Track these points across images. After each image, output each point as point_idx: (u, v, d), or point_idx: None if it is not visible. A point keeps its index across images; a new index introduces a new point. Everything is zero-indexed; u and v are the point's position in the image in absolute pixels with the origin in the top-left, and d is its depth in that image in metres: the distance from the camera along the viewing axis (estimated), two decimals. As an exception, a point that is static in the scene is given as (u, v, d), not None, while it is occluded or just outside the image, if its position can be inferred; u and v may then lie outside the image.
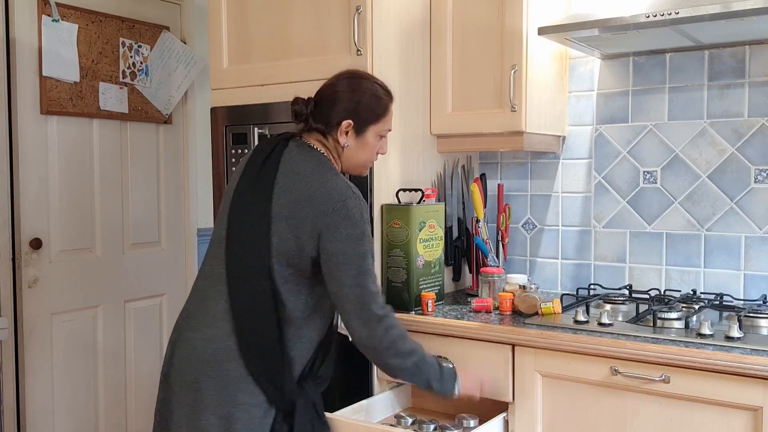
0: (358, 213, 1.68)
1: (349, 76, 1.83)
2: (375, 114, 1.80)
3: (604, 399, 1.86)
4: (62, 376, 2.96)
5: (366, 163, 1.85)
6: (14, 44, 2.78)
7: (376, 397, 2.19)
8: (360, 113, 1.78)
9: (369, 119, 1.79)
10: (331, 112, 1.77)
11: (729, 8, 1.80)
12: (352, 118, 1.77)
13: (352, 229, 1.67)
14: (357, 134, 1.79)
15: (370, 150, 1.83)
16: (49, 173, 2.91)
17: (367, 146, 1.81)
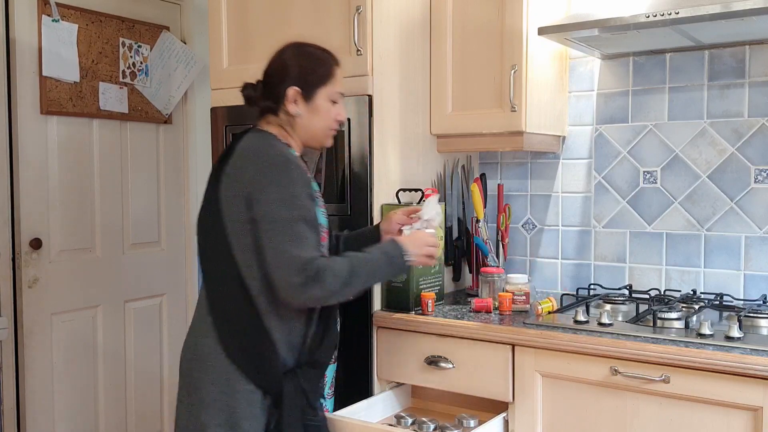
0: (286, 177, 1.67)
1: (288, 46, 1.84)
2: (321, 76, 1.79)
3: (604, 399, 1.86)
4: (62, 376, 2.96)
5: (324, 130, 1.83)
6: (14, 44, 2.78)
7: (376, 397, 2.19)
8: (305, 78, 1.77)
9: (315, 82, 1.78)
10: (277, 86, 1.78)
11: (729, 8, 1.80)
12: (298, 84, 1.77)
13: (279, 192, 1.65)
14: (306, 101, 1.78)
15: (324, 115, 1.81)
16: (49, 173, 2.91)
17: (319, 111, 1.79)
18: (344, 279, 1.66)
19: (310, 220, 1.68)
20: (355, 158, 2.21)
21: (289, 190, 1.66)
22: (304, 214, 1.66)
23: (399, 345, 2.18)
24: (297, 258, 1.62)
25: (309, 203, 1.69)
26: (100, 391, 3.12)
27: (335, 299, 1.70)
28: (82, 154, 3.04)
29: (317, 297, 1.66)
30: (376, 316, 2.21)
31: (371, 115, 2.19)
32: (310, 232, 1.67)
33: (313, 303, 1.70)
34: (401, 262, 1.78)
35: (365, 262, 1.72)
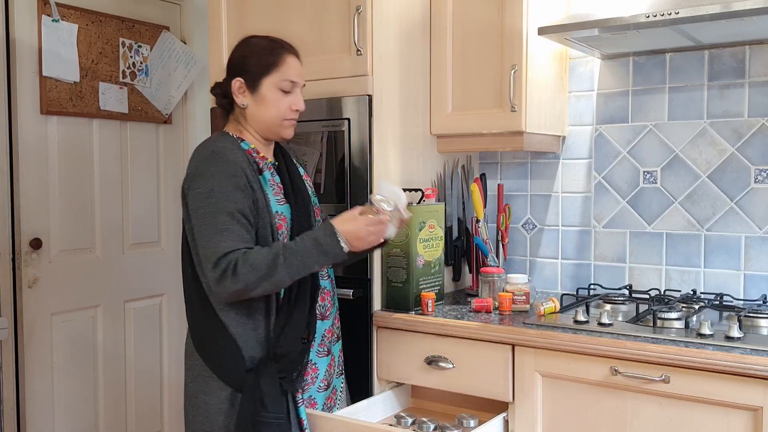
0: (211, 170, 1.67)
1: (240, 41, 1.85)
2: (264, 65, 1.76)
3: (604, 399, 1.86)
4: (62, 376, 2.96)
5: (276, 120, 1.79)
6: (14, 44, 2.78)
7: (376, 397, 2.19)
8: (247, 68, 1.77)
9: (259, 72, 1.76)
10: (225, 80, 1.81)
11: (729, 8, 1.80)
12: (241, 75, 1.77)
13: (203, 186, 1.67)
14: (252, 91, 1.77)
15: (273, 105, 1.77)
16: (49, 173, 2.91)
17: (266, 101, 1.77)
18: (263, 272, 1.61)
19: (234, 211, 1.65)
20: (355, 158, 2.21)
21: (210, 184, 1.66)
22: (225, 206, 1.64)
23: (399, 345, 2.18)
24: (213, 252, 1.63)
25: (235, 194, 1.66)
26: (100, 391, 3.12)
27: (256, 292, 1.64)
28: (82, 154, 3.04)
29: (233, 291, 1.62)
30: (376, 316, 2.21)
31: (371, 115, 2.19)
32: (233, 223, 1.64)
33: (232, 297, 1.65)
34: (338, 250, 1.67)
35: (292, 253, 1.64)
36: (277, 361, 1.73)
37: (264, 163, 1.80)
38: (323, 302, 1.88)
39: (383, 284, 2.23)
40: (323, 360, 1.90)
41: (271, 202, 1.75)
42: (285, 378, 1.74)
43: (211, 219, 1.64)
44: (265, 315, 1.75)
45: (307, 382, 1.86)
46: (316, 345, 1.86)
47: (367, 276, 2.22)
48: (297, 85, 1.81)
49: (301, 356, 1.78)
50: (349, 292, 2.20)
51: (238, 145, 1.77)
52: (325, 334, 1.90)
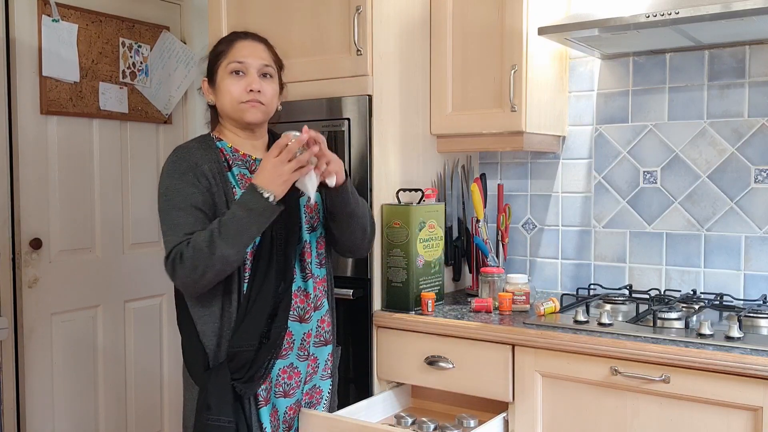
0: (167, 169, 1.72)
1: None
2: (216, 55, 1.78)
3: (604, 399, 1.86)
4: (62, 376, 2.96)
5: (233, 104, 1.74)
6: (14, 44, 2.78)
7: (376, 397, 2.19)
8: (208, 67, 1.82)
9: (213, 64, 1.79)
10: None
11: (729, 8, 1.80)
12: (206, 75, 1.82)
13: (161, 186, 1.72)
14: (213, 86, 1.80)
15: (227, 88, 1.74)
16: (49, 173, 2.91)
17: (221, 89, 1.76)
18: (205, 251, 1.59)
19: (186, 206, 1.66)
20: (355, 158, 2.21)
21: (165, 182, 1.71)
22: (177, 201, 1.67)
23: (399, 345, 2.18)
24: (166, 246, 1.67)
25: (187, 189, 1.67)
26: (100, 391, 3.12)
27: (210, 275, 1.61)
28: (82, 154, 3.04)
29: (186, 278, 1.63)
30: (376, 316, 2.21)
31: (371, 115, 2.19)
32: (185, 217, 1.66)
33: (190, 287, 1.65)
34: (263, 203, 1.60)
35: (224, 224, 1.61)
36: (231, 360, 1.68)
37: (240, 161, 1.77)
38: (302, 304, 1.79)
39: (383, 284, 2.23)
40: (303, 365, 1.82)
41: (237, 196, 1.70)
42: (240, 379, 1.68)
43: (166, 216, 1.68)
44: (227, 311, 1.71)
45: (291, 386, 1.80)
46: (295, 348, 1.79)
47: (367, 276, 2.22)
48: (249, 66, 1.74)
49: (260, 358, 1.69)
50: (349, 292, 2.20)
51: (210, 144, 1.77)
52: (304, 338, 1.80)
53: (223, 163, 1.74)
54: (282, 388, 1.79)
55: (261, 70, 1.76)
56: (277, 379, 1.78)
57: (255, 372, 1.70)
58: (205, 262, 1.60)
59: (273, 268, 1.71)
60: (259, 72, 1.76)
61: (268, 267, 1.70)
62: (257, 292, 1.70)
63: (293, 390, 1.82)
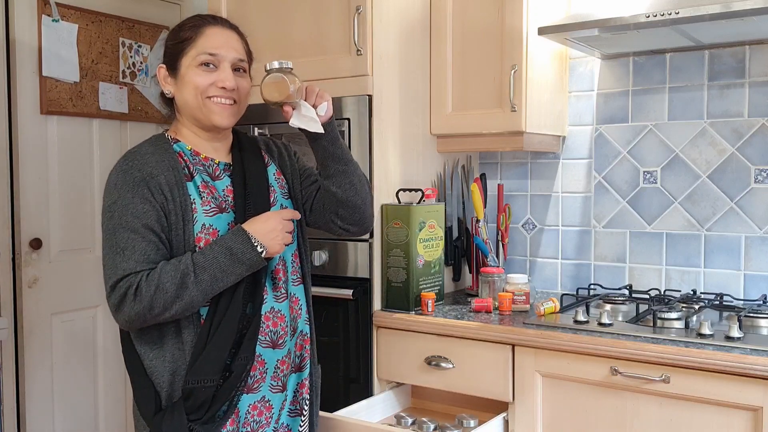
0: (114, 180, 1.46)
1: None
2: (180, 42, 1.53)
3: (604, 399, 1.86)
4: (62, 376, 2.96)
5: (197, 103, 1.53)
6: (14, 44, 2.78)
7: (376, 397, 2.19)
8: (167, 53, 1.56)
9: (176, 52, 1.53)
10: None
11: (729, 8, 1.80)
12: (163, 61, 1.57)
13: (106, 200, 1.47)
14: (174, 76, 1.55)
15: (192, 84, 1.52)
16: (49, 173, 2.91)
17: (185, 81, 1.52)
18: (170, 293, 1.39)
19: (138, 227, 1.42)
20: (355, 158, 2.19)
21: (113, 195, 1.45)
22: (127, 220, 1.42)
23: (399, 345, 2.18)
24: (112, 274, 1.41)
25: (140, 206, 1.43)
26: (100, 391, 3.12)
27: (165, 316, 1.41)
28: (82, 154, 3.04)
29: (135, 315, 1.40)
30: (376, 316, 2.21)
31: (371, 115, 2.19)
32: (136, 240, 1.42)
33: (134, 322, 1.42)
34: (254, 256, 1.45)
35: (202, 268, 1.41)
36: (186, 399, 1.46)
37: (201, 167, 1.56)
38: (275, 327, 1.57)
39: (383, 284, 2.23)
40: (277, 396, 1.60)
41: (197, 212, 1.49)
42: (198, 420, 1.46)
43: (112, 235, 1.42)
44: (178, 346, 1.49)
45: (261, 423, 1.57)
46: (268, 379, 1.57)
47: (367, 276, 2.22)
48: (222, 59, 1.53)
49: (222, 395, 1.48)
50: (349, 292, 2.20)
51: (166, 147, 1.55)
52: (278, 365, 1.59)
53: (182, 170, 1.51)
54: (249, 427, 1.55)
55: (235, 65, 1.55)
56: (246, 417, 1.54)
57: (216, 411, 1.48)
58: (166, 303, 1.40)
59: (240, 289, 1.49)
60: (232, 66, 1.55)
61: (234, 288, 1.48)
62: (221, 317, 1.47)
63: (262, 428, 1.58)
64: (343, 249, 2.25)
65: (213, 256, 1.43)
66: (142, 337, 1.51)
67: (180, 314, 1.43)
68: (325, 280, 2.24)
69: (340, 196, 1.62)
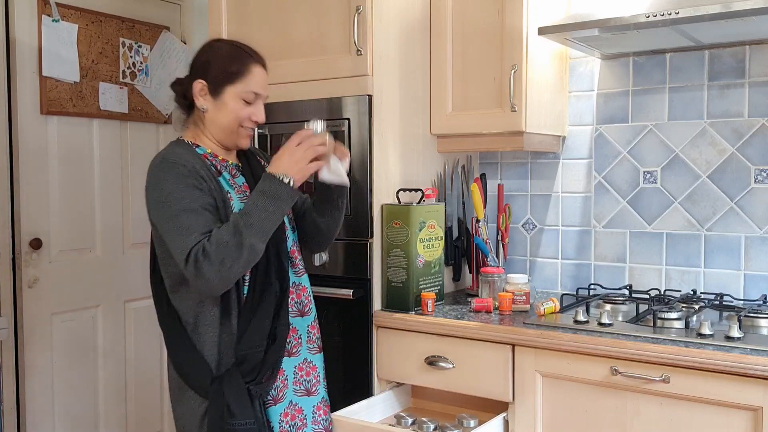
0: (163, 176, 1.62)
1: (208, 42, 1.81)
2: (229, 73, 1.70)
3: (604, 399, 1.86)
4: (62, 376, 2.96)
5: (231, 128, 1.73)
6: (14, 44, 2.78)
7: (376, 397, 2.19)
8: (211, 73, 1.71)
9: (223, 79, 1.70)
10: (187, 80, 1.75)
11: (729, 8, 1.80)
12: (204, 78, 1.71)
13: (159, 193, 1.62)
14: (214, 96, 1.71)
15: (232, 114, 1.71)
16: (49, 173, 2.91)
17: (226, 109, 1.71)
18: (232, 243, 1.55)
19: (196, 207, 1.60)
20: (355, 158, 2.20)
21: (166, 189, 1.61)
22: (185, 205, 1.60)
23: (399, 345, 2.18)
24: (182, 250, 1.57)
25: (193, 193, 1.61)
26: (100, 391, 3.12)
27: (237, 268, 1.57)
28: (82, 154, 3.04)
29: (214, 273, 1.55)
30: (376, 316, 2.21)
31: (371, 115, 2.19)
32: (195, 218, 1.59)
33: (217, 282, 1.57)
34: (285, 188, 1.61)
35: (247, 214, 1.58)
36: (240, 365, 1.67)
37: (222, 166, 1.75)
38: (299, 299, 1.82)
39: (383, 284, 2.23)
40: (317, 357, 1.86)
41: (233, 201, 1.69)
42: (252, 381, 1.68)
43: (175, 221, 1.59)
44: (226, 318, 1.69)
45: (311, 382, 1.82)
46: (304, 343, 1.82)
47: (367, 276, 2.22)
48: (260, 97, 1.75)
49: (270, 358, 1.71)
50: (349, 292, 2.20)
51: (192, 151, 1.71)
52: (309, 330, 1.84)
53: (211, 167, 1.70)
54: (303, 386, 1.80)
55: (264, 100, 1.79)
56: (295, 377, 1.79)
57: (265, 373, 1.70)
58: (233, 254, 1.55)
59: (272, 269, 1.71)
60: (263, 101, 1.78)
61: (267, 268, 1.70)
62: (260, 294, 1.69)
63: (314, 386, 1.82)
64: (343, 249, 2.25)
65: (252, 202, 1.60)
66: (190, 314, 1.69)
67: (248, 262, 1.59)
68: (325, 280, 2.24)
69: (323, 230, 1.89)
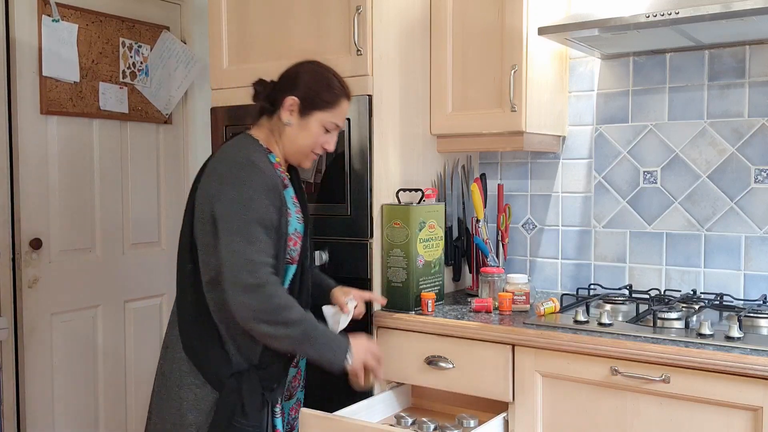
0: (247, 179, 1.68)
1: (310, 61, 1.88)
2: (323, 101, 1.80)
3: (604, 399, 1.86)
4: (62, 376, 2.96)
5: (305, 150, 1.83)
6: (14, 44, 2.78)
7: (376, 397, 2.18)
8: (307, 95, 1.79)
9: (316, 104, 1.80)
10: (283, 90, 1.82)
11: (729, 8, 1.80)
12: (299, 96, 1.79)
13: (239, 194, 1.67)
14: (301, 115, 1.80)
15: (312, 137, 1.81)
16: (49, 173, 2.91)
17: (308, 131, 1.80)
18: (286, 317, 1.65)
19: (268, 224, 1.68)
20: (355, 158, 2.21)
21: (248, 192, 1.67)
22: (261, 216, 1.66)
23: (399, 345, 2.18)
24: (248, 260, 1.63)
25: (268, 208, 1.68)
26: (100, 391, 3.12)
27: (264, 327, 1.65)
28: (82, 154, 3.04)
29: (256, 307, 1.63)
30: (376, 316, 2.21)
31: (371, 115, 2.19)
32: (264, 235, 1.66)
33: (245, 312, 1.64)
34: (340, 358, 1.74)
35: (313, 328, 1.70)
36: (262, 369, 1.75)
37: (287, 178, 1.83)
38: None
39: (383, 284, 2.23)
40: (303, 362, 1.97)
41: (292, 218, 1.77)
42: (266, 388, 1.77)
43: (247, 228, 1.65)
44: None
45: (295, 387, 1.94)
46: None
47: (367, 276, 2.22)
48: (338, 128, 1.87)
49: (284, 369, 1.82)
50: (349, 292, 2.20)
51: (267, 157, 1.78)
52: None
53: (280, 178, 1.77)
54: (288, 392, 1.91)
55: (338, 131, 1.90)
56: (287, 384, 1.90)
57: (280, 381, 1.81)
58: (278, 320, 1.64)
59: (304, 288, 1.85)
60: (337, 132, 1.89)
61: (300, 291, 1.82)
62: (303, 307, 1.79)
63: (295, 390, 1.95)
64: (343, 249, 2.25)
65: (323, 331, 1.73)
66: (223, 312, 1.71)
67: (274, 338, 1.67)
68: (325, 280, 2.24)
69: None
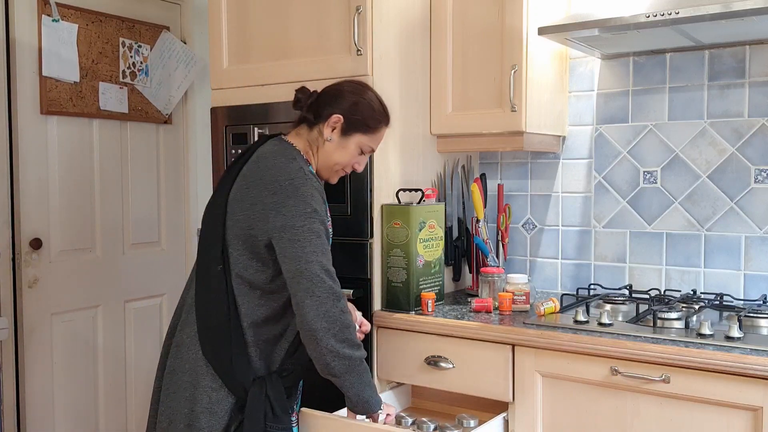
0: (307, 192, 1.71)
1: (357, 82, 1.91)
2: (366, 125, 1.84)
3: (604, 399, 1.86)
4: (62, 376, 2.96)
5: (337, 167, 1.86)
6: (14, 44, 2.78)
7: (376, 397, 2.18)
8: (353, 115, 1.82)
9: (358, 126, 1.83)
10: (327, 105, 1.83)
11: (729, 8, 1.80)
12: (344, 115, 1.81)
13: (303, 206, 1.69)
14: (342, 134, 1.83)
15: (348, 156, 1.85)
16: (49, 173, 2.91)
17: (346, 150, 1.84)
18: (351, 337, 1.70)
19: (328, 236, 1.76)
20: (355, 158, 2.20)
21: (311, 205, 1.70)
22: (325, 228, 1.73)
23: (399, 345, 2.18)
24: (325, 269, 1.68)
25: (325, 220, 1.75)
26: (100, 391, 3.12)
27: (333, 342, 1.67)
28: (82, 154, 3.04)
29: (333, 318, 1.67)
30: (376, 316, 2.21)
31: (371, 115, 2.18)
32: (328, 248, 1.73)
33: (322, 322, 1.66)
34: (378, 400, 1.78)
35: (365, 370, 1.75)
36: (284, 375, 1.78)
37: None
38: None
39: (383, 284, 2.23)
40: None
41: (330, 230, 1.82)
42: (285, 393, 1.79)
43: (316, 238, 1.69)
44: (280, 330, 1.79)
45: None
46: None
47: (367, 276, 2.22)
48: (372, 151, 1.92)
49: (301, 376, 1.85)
50: (349, 292, 2.19)
51: (308, 167, 1.80)
52: None
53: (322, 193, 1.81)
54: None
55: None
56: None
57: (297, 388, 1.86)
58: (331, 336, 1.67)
59: None
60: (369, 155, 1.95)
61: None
62: None
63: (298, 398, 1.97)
64: (344, 249, 2.25)
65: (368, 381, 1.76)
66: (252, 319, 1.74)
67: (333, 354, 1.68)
68: (325, 280, 2.24)
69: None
